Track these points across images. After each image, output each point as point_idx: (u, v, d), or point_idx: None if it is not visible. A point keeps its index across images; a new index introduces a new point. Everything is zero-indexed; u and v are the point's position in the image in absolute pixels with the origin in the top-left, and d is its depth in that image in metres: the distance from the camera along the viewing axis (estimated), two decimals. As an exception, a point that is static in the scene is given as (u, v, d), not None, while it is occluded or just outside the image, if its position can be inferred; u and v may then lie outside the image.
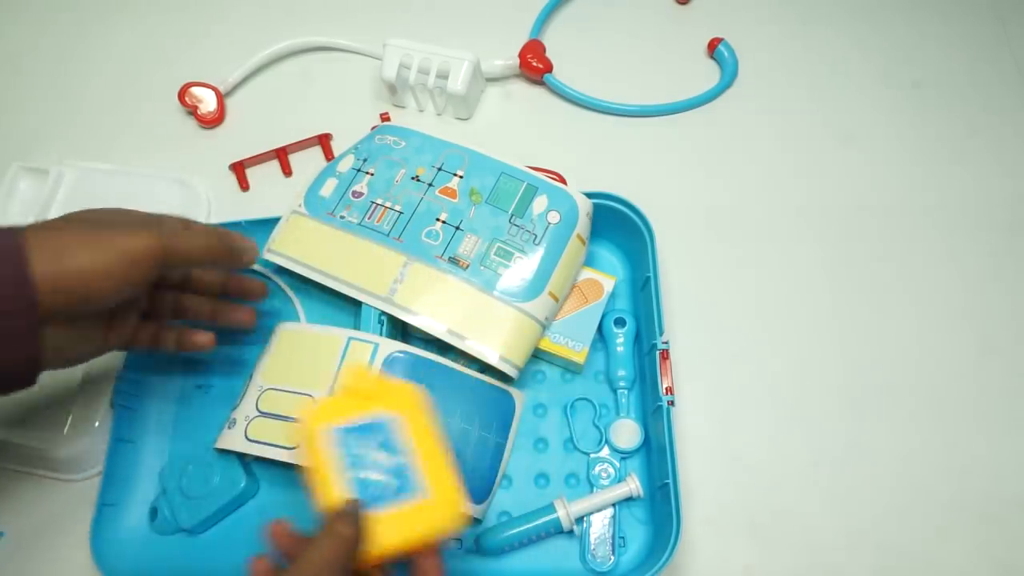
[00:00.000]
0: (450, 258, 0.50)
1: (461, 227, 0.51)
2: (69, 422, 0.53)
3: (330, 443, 0.39)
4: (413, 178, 0.53)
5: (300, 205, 0.54)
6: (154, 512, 0.51)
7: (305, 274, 0.52)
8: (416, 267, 0.50)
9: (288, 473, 0.51)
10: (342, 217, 0.53)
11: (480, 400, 0.49)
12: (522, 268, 0.49)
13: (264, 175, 0.65)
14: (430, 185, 0.53)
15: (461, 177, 0.52)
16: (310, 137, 0.65)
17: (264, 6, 0.74)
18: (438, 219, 0.51)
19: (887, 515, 0.50)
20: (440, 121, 0.67)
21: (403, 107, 0.67)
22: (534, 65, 0.65)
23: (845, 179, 0.62)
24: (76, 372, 0.55)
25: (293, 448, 0.46)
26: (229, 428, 0.49)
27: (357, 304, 0.50)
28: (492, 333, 0.48)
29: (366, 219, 0.52)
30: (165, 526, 0.50)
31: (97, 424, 0.53)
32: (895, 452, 0.52)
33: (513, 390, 0.51)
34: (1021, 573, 0.49)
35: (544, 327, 0.50)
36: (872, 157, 0.62)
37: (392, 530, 0.38)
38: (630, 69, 0.68)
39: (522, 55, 0.66)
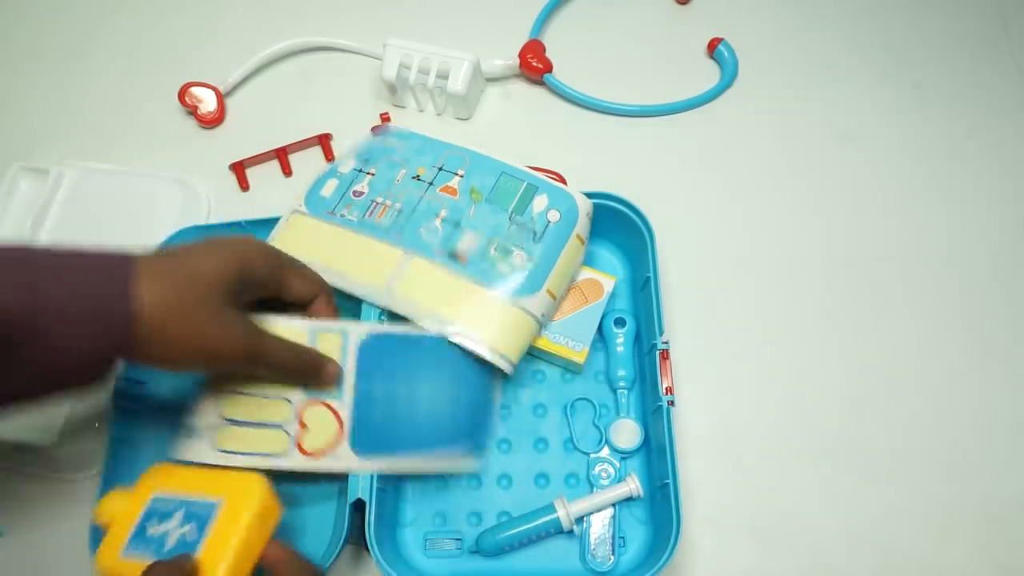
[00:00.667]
0: (449, 253, 0.50)
1: (461, 224, 0.51)
2: (69, 422, 0.53)
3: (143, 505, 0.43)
4: (414, 177, 0.53)
5: (301, 205, 0.54)
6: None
7: None
8: (415, 261, 0.50)
9: (287, 473, 0.51)
10: (342, 215, 0.53)
11: (462, 362, 0.48)
12: (521, 265, 0.49)
13: (264, 175, 0.65)
14: (430, 184, 0.53)
15: (462, 176, 0.53)
16: (310, 137, 0.65)
17: (264, 6, 0.74)
18: (438, 216, 0.51)
19: (887, 515, 0.50)
20: (440, 121, 0.67)
21: (403, 107, 0.67)
22: (534, 65, 0.65)
23: (845, 179, 0.62)
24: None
25: (275, 455, 0.45)
26: (188, 438, 0.46)
27: (358, 303, 0.50)
28: (488, 328, 0.48)
29: (366, 216, 0.52)
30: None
31: (97, 424, 0.53)
32: (895, 452, 0.52)
33: None
34: (1021, 573, 0.49)
35: (541, 324, 0.50)
36: (872, 157, 0.62)
37: (215, 554, 0.39)
38: (630, 69, 0.68)
39: (522, 55, 0.66)
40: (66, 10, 0.75)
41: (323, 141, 0.65)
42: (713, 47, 0.66)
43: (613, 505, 0.49)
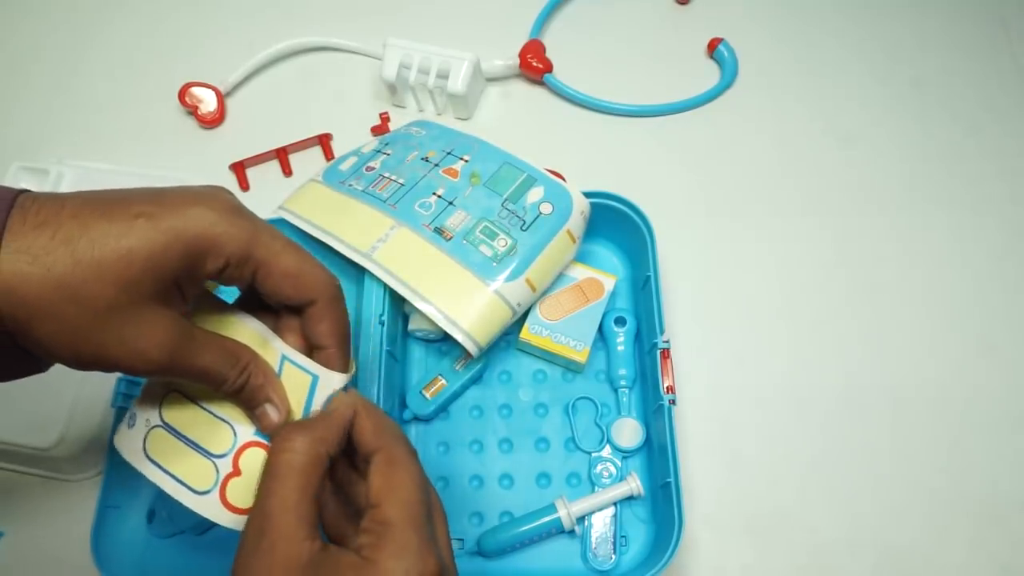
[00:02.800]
0: (436, 228, 0.50)
1: (454, 203, 0.51)
2: (69, 423, 0.53)
3: None
4: (423, 159, 0.55)
5: (318, 174, 0.57)
6: (151, 514, 0.51)
7: (305, 228, 0.53)
8: (402, 231, 0.50)
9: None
10: (350, 185, 0.55)
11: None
12: (504, 250, 0.49)
13: (264, 175, 0.65)
14: (436, 165, 0.54)
15: (466, 161, 0.54)
16: (310, 137, 0.65)
17: (264, 6, 0.74)
18: (435, 193, 0.52)
19: (887, 515, 0.50)
20: (440, 121, 0.67)
21: (403, 107, 0.67)
22: (534, 65, 0.65)
23: (845, 178, 0.62)
24: (77, 373, 0.55)
25: (196, 492, 0.35)
26: (129, 426, 0.37)
27: (361, 272, 0.51)
28: (460, 307, 0.47)
29: (370, 187, 0.54)
30: (162, 528, 0.50)
31: (97, 425, 0.53)
32: (895, 452, 0.52)
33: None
34: (1021, 573, 0.49)
35: (515, 312, 0.50)
36: (872, 157, 0.62)
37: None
38: (630, 69, 0.68)
39: (522, 55, 0.66)
40: (66, 10, 0.75)
41: (323, 141, 0.65)
42: (713, 47, 0.66)
43: (614, 504, 0.49)
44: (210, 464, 0.35)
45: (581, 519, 0.49)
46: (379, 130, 0.66)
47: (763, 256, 0.59)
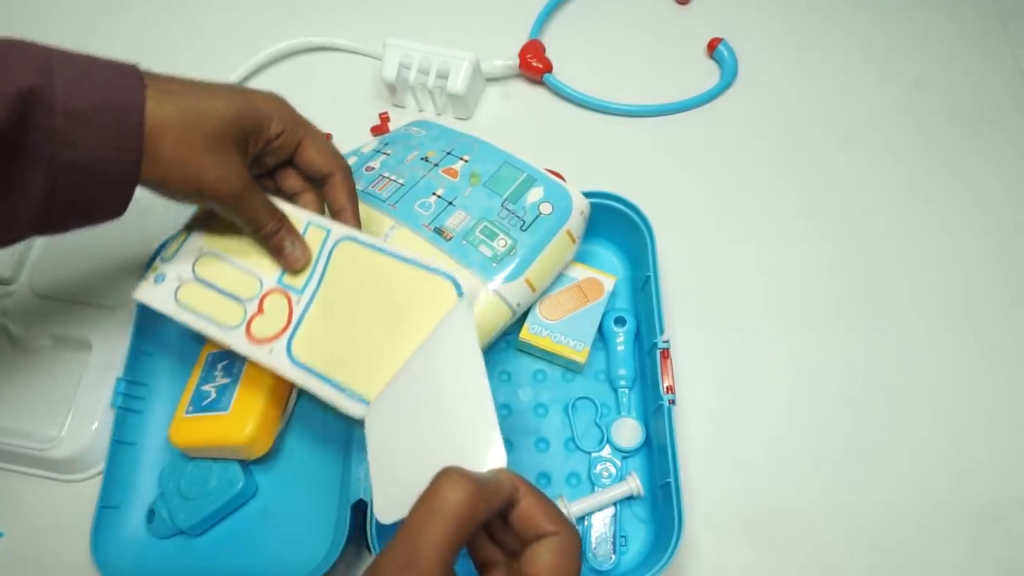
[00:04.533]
0: (436, 228, 0.50)
1: (454, 203, 0.51)
2: (69, 423, 0.53)
3: (203, 362, 0.52)
4: (423, 159, 0.54)
5: None
6: (151, 514, 0.51)
7: None
8: (401, 231, 0.50)
9: (288, 474, 0.51)
10: None
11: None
12: (504, 250, 0.49)
13: (264, 175, 0.65)
14: (435, 165, 0.54)
15: (466, 161, 0.54)
16: (310, 137, 0.65)
17: (264, 6, 0.74)
18: (434, 193, 0.52)
19: (887, 515, 0.50)
20: (440, 121, 0.67)
21: (403, 107, 0.67)
22: (534, 65, 0.65)
23: (845, 179, 0.62)
24: (76, 373, 0.55)
25: (224, 327, 0.44)
26: (156, 282, 0.47)
27: None
28: None
29: (369, 188, 0.54)
30: (162, 528, 0.50)
31: (97, 425, 0.53)
32: (895, 452, 0.52)
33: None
34: (1021, 573, 0.49)
35: (515, 312, 0.50)
36: (872, 157, 0.62)
37: (191, 429, 0.49)
38: (630, 69, 0.68)
39: (522, 55, 0.66)
40: (66, 10, 0.75)
41: (323, 141, 0.65)
42: (713, 47, 0.66)
43: (614, 504, 0.49)
44: (239, 306, 0.45)
45: (581, 519, 0.49)
46: (379, 130, 0.66)
47: (763, 256, 0.59)
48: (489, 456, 0.34)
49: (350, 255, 0.45)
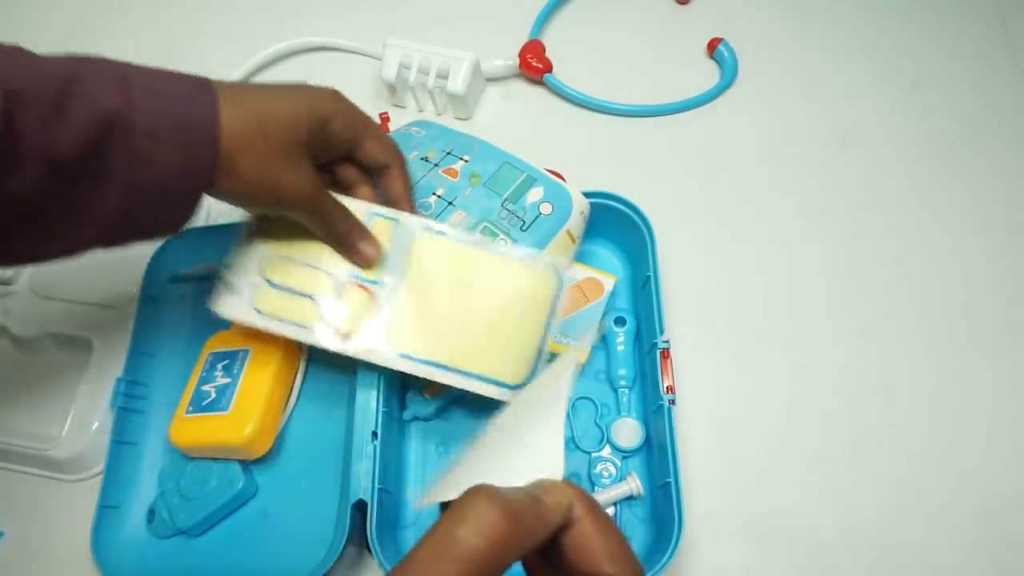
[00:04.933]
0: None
1: (454, 203, 0.51)
2: (69, 423, 0.53)
3: (203, 362, 0.52)
4: (423, 159, 0.54)
5: None
6: (151, 514, 0.51)
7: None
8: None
9: (288, 474, 0.51)
10: None
11: (517, 292, 0.47)
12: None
13: (264, 175, 0.65)
14: (435, 165, 0.54)
15: (466, 162, 0.53)
16: (310, 137, 0.65)
17: (264, 6, 0.74)
18: (434, 193, 0.52)
19: (887, 515, 0.50)
20: (440, 121, 0.67)
21: (403, 107, 0.67)
22: (534, 65, 0.65)
23: (845, 179, 0.62)
24: (76, 373, 0.55)
25: (305, 327, 0.45)
26: (228, 293, 0.47)
27: None
28: None
29: None
30: (162, 528, 0.50)
31: (97, 425, 0.53)
32: (895, 452, 0.52)
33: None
34: (1021, 573, 0.49)
35: None
36: (872, 157, 0.62)
37: (191, 429, 0.49)
38: (630, 69, 0.68)
39: (522, 55, 0.66)
40: (66, 10, 0.75)
41: (323, 141, 0.65)
42: (713, 47, 0.66)
43: (614, 504, 0.49)
44: (314, 304, 0.45)
45: (581, 519, 0.49)
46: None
47: (763, 255, 0.59)
48: (544, 461, 0.28)
49: (433, 246, 0.47)
